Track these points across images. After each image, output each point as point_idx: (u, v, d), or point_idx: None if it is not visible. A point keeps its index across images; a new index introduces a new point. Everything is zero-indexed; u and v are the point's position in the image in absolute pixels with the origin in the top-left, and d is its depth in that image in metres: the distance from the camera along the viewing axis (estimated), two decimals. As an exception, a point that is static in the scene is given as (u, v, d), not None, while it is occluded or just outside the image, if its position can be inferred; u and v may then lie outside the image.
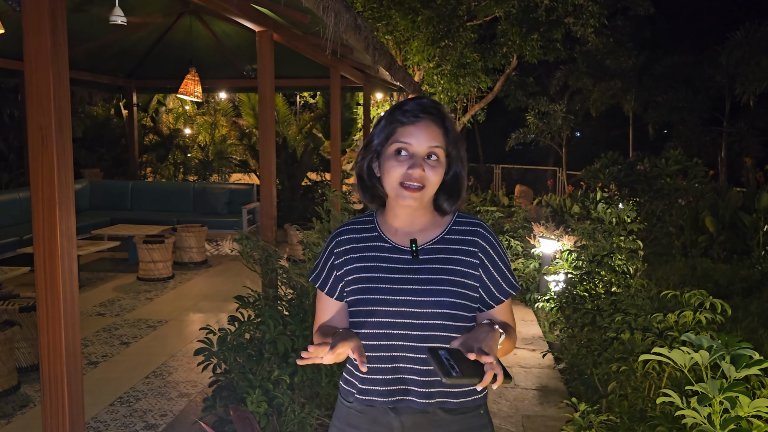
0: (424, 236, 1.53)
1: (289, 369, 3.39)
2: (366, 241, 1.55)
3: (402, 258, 1.50)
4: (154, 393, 4.02)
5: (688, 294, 2.74)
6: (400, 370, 1.47)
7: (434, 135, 1.46)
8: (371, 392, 1.50)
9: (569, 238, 6.05)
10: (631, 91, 16.98)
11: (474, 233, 1.53)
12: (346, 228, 1.59)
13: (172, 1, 6.99)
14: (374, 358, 1.47)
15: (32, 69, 2.28)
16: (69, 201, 2.35)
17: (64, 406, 2.35)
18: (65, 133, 2.34)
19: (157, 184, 10.54)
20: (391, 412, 1.49)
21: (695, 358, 1.55)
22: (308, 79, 9.85)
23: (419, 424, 1.48)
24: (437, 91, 12.41)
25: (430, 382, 1.46)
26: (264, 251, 4.25)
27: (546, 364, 4.82)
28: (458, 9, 11.85)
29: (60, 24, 2.30)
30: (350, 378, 1.55)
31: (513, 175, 19.51)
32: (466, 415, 1.50)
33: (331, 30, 3.69)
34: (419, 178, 1.44)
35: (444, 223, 1.55)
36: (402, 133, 1.46)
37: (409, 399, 1.47)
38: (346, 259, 1.55)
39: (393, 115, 1.49)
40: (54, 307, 2.32)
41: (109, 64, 9.24)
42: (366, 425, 1.52)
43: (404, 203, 1.47)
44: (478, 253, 1.51)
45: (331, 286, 1.57)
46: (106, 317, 5.64)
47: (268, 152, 4.96)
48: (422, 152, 1.45)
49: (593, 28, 12.56)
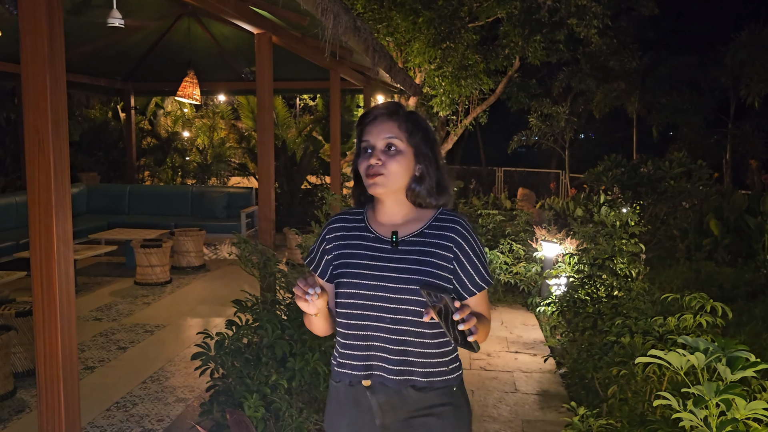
0: (406, 229, 1.72)
1: (287, 373, 3.41)
2: (354, 231, 1.76)
3: (383, 248, 1.70)
4: (151, 398, 4.05)
5: (688, 297, 2.76)
6: (372, 348, 1.67)
7: (388, 128, 1.68)
8: (347, 365, 1.71)
9: (572, 241, 6.07)
10: (635, 92, 16.99)
11: (451, 229, 1.70)
12: (339, 218, 1.82)
13: (170, 3, 7.02)
14: (351, 335, 1.69)
15: (29, 72, 2.31)
16: (66, 204, 2.38)
17: (60, 409, 2.38)
18: (62, 136, 2.37)
19: (155, 187, 10.57)
20: (367, 391, 1.68)
21: (691, 360, 1.57)
22: (308, 82, 9.88)
23: (393, 403, 1.67)
24: (438, 93, 12.42)
25: (400, 360, 1.65)
26: (262, 255, 4.28)
27: (547, 369, 4.84)
28: (460, 10, 11.88)
29: (57, 27, 2.33)
30: (334, 353, 1.77)
31: (515, 178, 19.52)
32: (437, 392, 1.68)
33: (330, 32, 3.72)
34: (374, 166, 1.66)
35: (426, 218, 1.73)
36: (364, 132, 1.71)
37: (381, 375, 1.67)
38: (335, 245, 1.77)
39: (360, 119, 1.75)
40: (50, 311, 2.34)
41: (106, 66, 9.28)
42: (351, 407, 1.72)
43: (371, 191, 1.68)
44: (453, 248, 1.68)
45: (322, 268, 1.79)
46: (103, 322, 5.67)
47: (266, 155, 4.99)
48: (380, 145, 1.68)
49: (597, 29, 12.56)
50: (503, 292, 6.97)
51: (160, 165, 12.78)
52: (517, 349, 5.34)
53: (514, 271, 6.93)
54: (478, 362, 5.00)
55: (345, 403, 1.72)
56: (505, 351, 5.29)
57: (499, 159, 21.35)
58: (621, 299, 3.83)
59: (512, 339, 5.61)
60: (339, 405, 1.74)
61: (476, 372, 4.80)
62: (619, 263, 4.48)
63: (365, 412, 1.70)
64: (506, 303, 6.80)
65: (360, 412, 1.70)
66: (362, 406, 1.70)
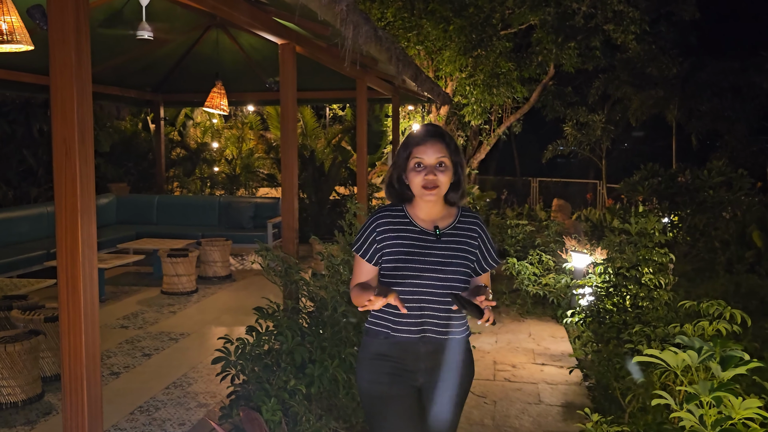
0: (442, 223, 2.30)
1: (306, 379, 3.54)
2: (401, 225, 2.28)
3: (428, 239, 2.26)
4: (173, 403, 4.22)
5: (705, 304, 2.81)
6: (424, 316, 2.23)
7: (439, 149, 2.21)
8: (403, 331, 2.24)
9: (602, 251, 6.10)
10: (674, 99, 16.81)
11: (474, 224, 2.34)
12: (384, 213, 2.32)
13: (198, 15, 7.29)
14: (408, 307, 2.17)
15: (57, 84, 2.49)
16: (90, 210, 2.55)
17: (84, 407, 2.54)
18: (88, 145, 2.55)
19: (183, 198, 10.87)
20: (418, 342, 2.24)
21: (685, 359, 1.65)
22: (335, 91, 10.07)
23: (436, 348, 2.27)
24: (470, 101, 12.50)
25: (444, 323, 2.24)
26: (284, 263, 4.43)
27: (573, 381, 4.88)
28: (491, 18, 11.96)
29: (84, 40, 2.52)
30: (382, 322, 2.28)
31: (551, 189, 19.46)
32: (461, 343, 2.32)
33: (350, 42, 3.87)
34: (433, 181, 2.19)
35: (453, 215, 2.33)
36: (417, 151, 2.22)
37: (430, 335, 2.24)
38: (384, 237, 2.27)
39: (408, 139, 2.27)
40: (75, 312, 2.51)
41: (136, 78, 9.61)
42: (397, 353, 2.26)
43: (427, 199, 2.22)
44: (477, 238, 2.32)
45: (371, 255, 2.29)
46: (129, 330, 5.89)
47: (290, 165, 5.15)
48: (433, 162, 2.20)
49: (634, 35, 12.52)
50: (532, 304, 7.01)
51: (189, 176, 13.11)
52: (543, 361, 5.39)
53: (543, 282, 6.96)
54: (503, 373, 5.07)
55: (393, 350, 2.25)
56: (531, 363, 5.34)
57: (534, 169, 21.29)
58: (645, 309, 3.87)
59: (539, 351, 5.66)
60: (381, 356, 2.26)
61: (500, 383, 4.87)
62: (646, 273, 4.51)
63: (411, 355, 2.24)
64: (535, 315, 6.84)
65: (406, 355, 2.24)
66: (408, 351, 2.24)
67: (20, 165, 9.80)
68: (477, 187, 12.99)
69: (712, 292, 7.53)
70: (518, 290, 7.22)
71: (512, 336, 6.11)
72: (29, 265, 7.16)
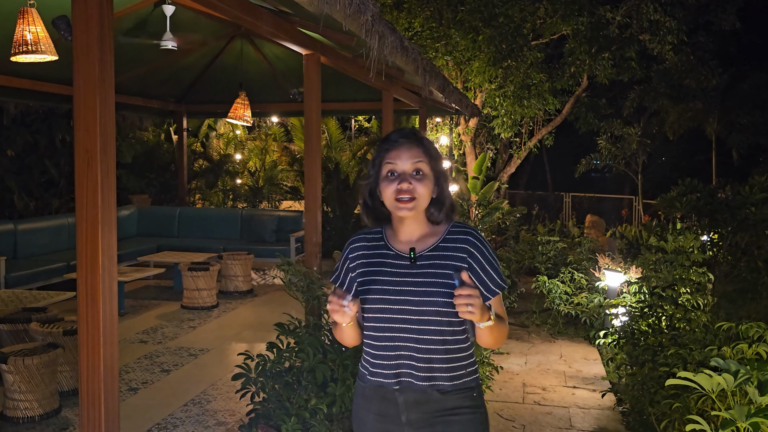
0: (423, 244, 1.93)
1: (328, 399, 3.54)
2: (375, 249, 1.99)
3: (403, 264, 1.92)
4: (191, 420, 4.25)
5: (744, 326, 2.77)
6: (401, 357, 1.89)
7: (415, 153, 1.88)
8: (378, 375, 1.93)
9: (636, 270, 6.03)
10: (714, 112, 16.59)
11: (464, 240, 1.92)
12: (359, 237, 2.05)
13: (223, 25, 7.41)
14: (380, 347, 1.91)
15: (81, 94, 2.56)
16: (111, 220, 2.60)
17: (101, 423, 2.58)
18: (109, 155, 2.61)
19: (205, 210, 10.99)
20: (396, 391, 1.90)
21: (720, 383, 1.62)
22: (360, 103, 10.12)
23: (419, 401, 1.89)
24: (500, 113, 12.48)
25: (427, 367, 1.87)
26: (306, 278, 4.46)
27: (607, 406, 4.82)
28: (522, 27, 11.96)
29: (107, 51, 2.59)
30: (364, 363, 1.98)
31: (584, 204, 19.27)
32: (459, 396, 1.90)
33: (375, 52, 3.90)
34: (408, 190, 1.85)
35: (440, 233, 1.95)
36: (388, 156, 1.89)
37: (410, 381, 1.88)
38: (358, 264, 1.99)
39: (380, 145, 1.94)
40: (94, 325, 2.56)
41: (159, 88, 9.77)
42: (377, 401, 1.94)
43: (401, 214, 1.89)
44: (467, 258, 1.90)
45: (347, 285, 2.00)
46: (148, 344, 5.96)
47: (313, 177, 5.20)
48: (408, 169, 1.87)
49: (671, 45, 12.42)
50: (564, 325, 6.94)
51: (211, 188, 13.26)
52: (575, 384, 5.33)
53: (575, 302, 6.90)
54: (532, 396, 5.02)
55: (373, 398, 1.94)
56: (562, 386, 5.28)
57: (566, 184, 21.12)
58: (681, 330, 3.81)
59: (571, 373, 5.59)
60: (366, 400, 1.97)
61: (529, 406, 4.82)
62: (683, 293, 4.45)
63: (392, 406, 1.91)
64: (567, 336, 6.78)
65: (387, 406, 1.92)
66: (388, 399, 1.92)
67: (42, 175, 10.01)
68: (506, 202, 12.93)
69: (754, 314, 7.40)
70: (549, 309, 7.16)
71: (542, 357, 6.05)
72: (49, 278, 7.30)
